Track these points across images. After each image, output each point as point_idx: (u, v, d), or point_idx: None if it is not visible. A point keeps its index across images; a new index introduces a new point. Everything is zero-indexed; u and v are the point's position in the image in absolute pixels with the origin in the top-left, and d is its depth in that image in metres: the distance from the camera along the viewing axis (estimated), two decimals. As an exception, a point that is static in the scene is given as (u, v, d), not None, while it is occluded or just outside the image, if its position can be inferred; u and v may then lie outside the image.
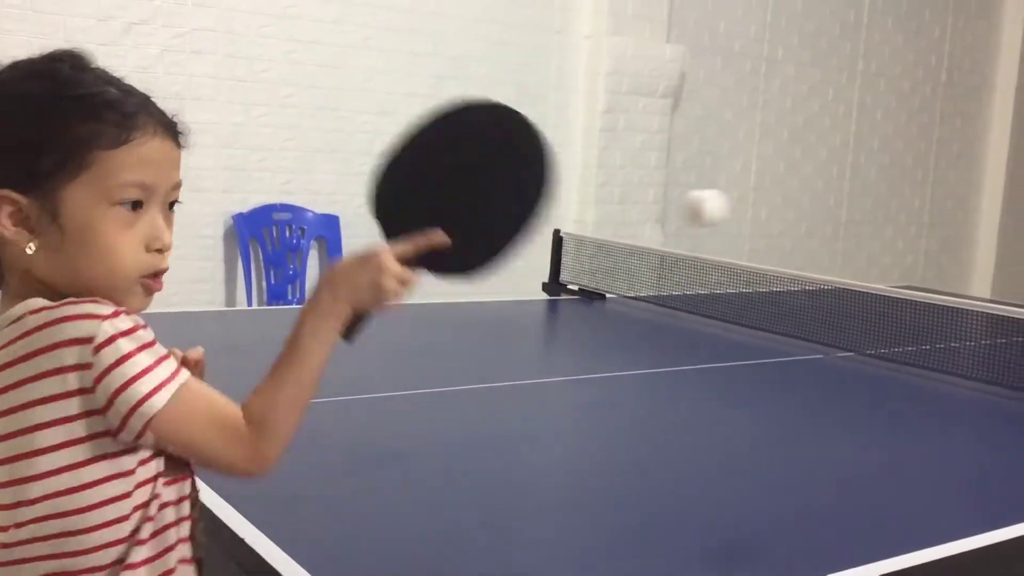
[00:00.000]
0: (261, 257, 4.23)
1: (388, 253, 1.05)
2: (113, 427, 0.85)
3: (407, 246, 1.07)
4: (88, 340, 0.83)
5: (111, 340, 0.84)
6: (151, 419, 0.85)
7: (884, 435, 1.95)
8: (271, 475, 1.49)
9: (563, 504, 1.51)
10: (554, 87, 4.90)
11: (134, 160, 0.89)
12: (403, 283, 1.05)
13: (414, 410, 1.93)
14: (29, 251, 0.88)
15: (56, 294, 0.89)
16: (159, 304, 1.17)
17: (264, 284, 4.24)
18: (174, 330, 1.09)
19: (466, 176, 1.13)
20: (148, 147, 0.90)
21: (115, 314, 0.85)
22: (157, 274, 0.94)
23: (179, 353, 1.03)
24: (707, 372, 2.44)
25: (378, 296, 1.04)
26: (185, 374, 0.89)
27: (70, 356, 0.84)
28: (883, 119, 6.33)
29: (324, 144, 4.32)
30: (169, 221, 0.95)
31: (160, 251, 0.93)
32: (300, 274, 4.31)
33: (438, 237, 1.07)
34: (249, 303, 4.15)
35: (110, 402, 0.84)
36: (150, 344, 0.87)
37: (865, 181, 6.31)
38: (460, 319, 3.07)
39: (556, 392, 2.19)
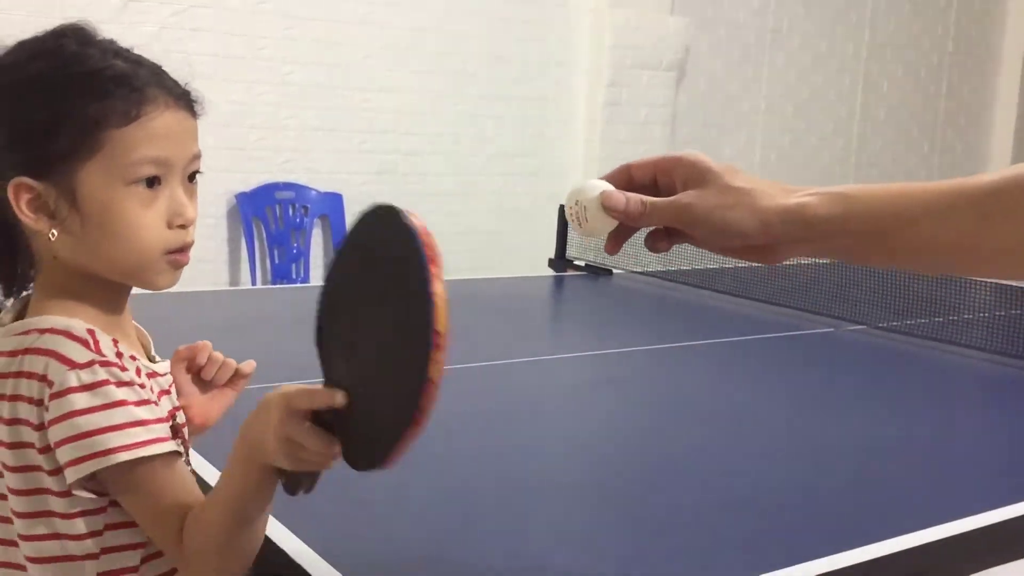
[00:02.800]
0: (264, 236, 4.21)
1: (281, 398, 0.81)
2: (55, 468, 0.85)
3: (305, 396, 0.81)
4: (50, 383, 0.83)
5: (66, 392, 0.83)
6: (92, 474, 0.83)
7: (897, 408, 1.92)
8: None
9: (573, 482, 1.49)
10: (557, 62, 4.85)
11: (147, 135, 0.87)
12: (299, 440, 0.80)
13: (421, 388, 1.91)
14: (52, 237, 0.86)
15: (84, 279, 0.89)
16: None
17: (268, 263, 4.22)
18: (178, 310, 1.07)
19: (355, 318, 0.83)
20: (161, 120, 0.88)
21: (89, 364, 0.83)
22: (183, 248, 0.91)
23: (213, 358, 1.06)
24: (716, 347, 2.41)
25: (278, 445, 0.80)
26: (156, 448, 0.84)
27: (32, 389, 0.84)
28: (889, 90, 6.28)
29: (325, 122, 4.29)
30: (191, 193, 0.92)
31: (183, 226, 0.90)
32: (304, 252, 4.29)
33: (329, 395, 0.81)
34: (253, 282, 4.13)
35: (61, 441, 0.83)
36: (114, 404, 0.83)
37: (871, 153, 6.26)
38: (466, 296, 3.04)
39: (564, 368, 2.17)
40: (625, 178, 0.96)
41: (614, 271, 3.30)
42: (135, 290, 0.95)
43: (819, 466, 1.58)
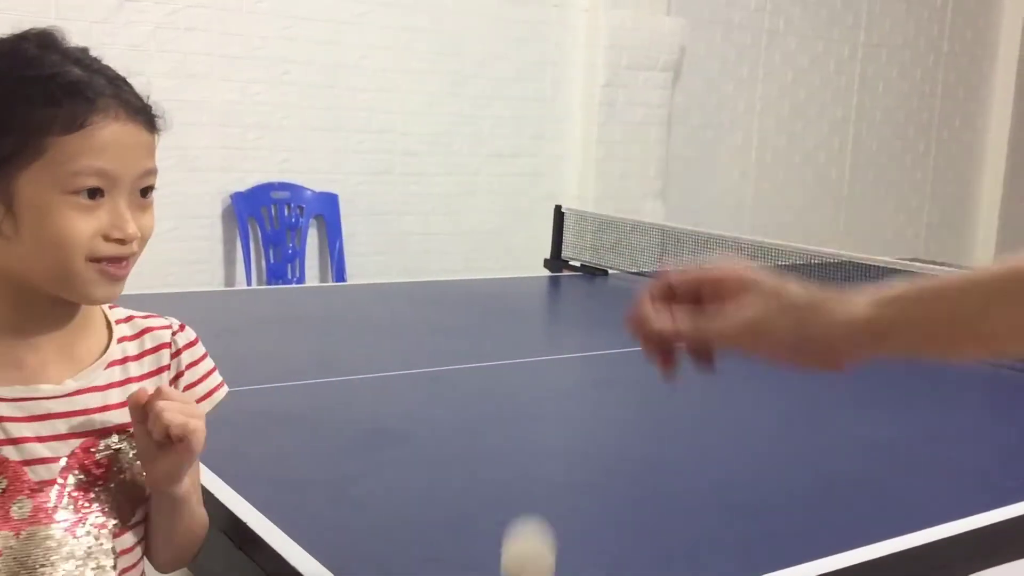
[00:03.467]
0: (260, 236, 4.20)
1: None
2: None
3: None
4: None
5: None
6: None
7: (890, 410, 1.93)
8: (272, 458, 1.47)
9: (567, 483, 1.49)
10: (553, 61, 4.85)
11: (91, 146, 0.84)
12: None
13: (415, 389, 1.91)
14: None
15: (19, 285, 0.87)
16: (157, 285, 1.15)
17: (263, 263, 4.21)
18: (173, 311, 1.07)
19: None
20: (108, 132, 0.85)
21: None
22: (116, 259, 0.88)
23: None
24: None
25: None
26: None
27: None
28: (885, 91, 6.29)
29: (321, 121, 4.28)
30: (143, 207, 0.90)
31: (122, 241, 0.87)
32: (300, 253, 4.28)
33: None
34: (248, 283, 4.12)
35: None
36: None
37: (867, 154, 6.27)
38: (461, 297, 3.04)
39: (560, 369, 2.17)
40: (666, 292, 0.90)
41: (609, 271, 3.30)
42: (138, 291, 0.94)
43: (812, 468, 1.58)
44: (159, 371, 0.99)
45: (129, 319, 1.00)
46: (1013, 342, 0.80)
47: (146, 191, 0.91)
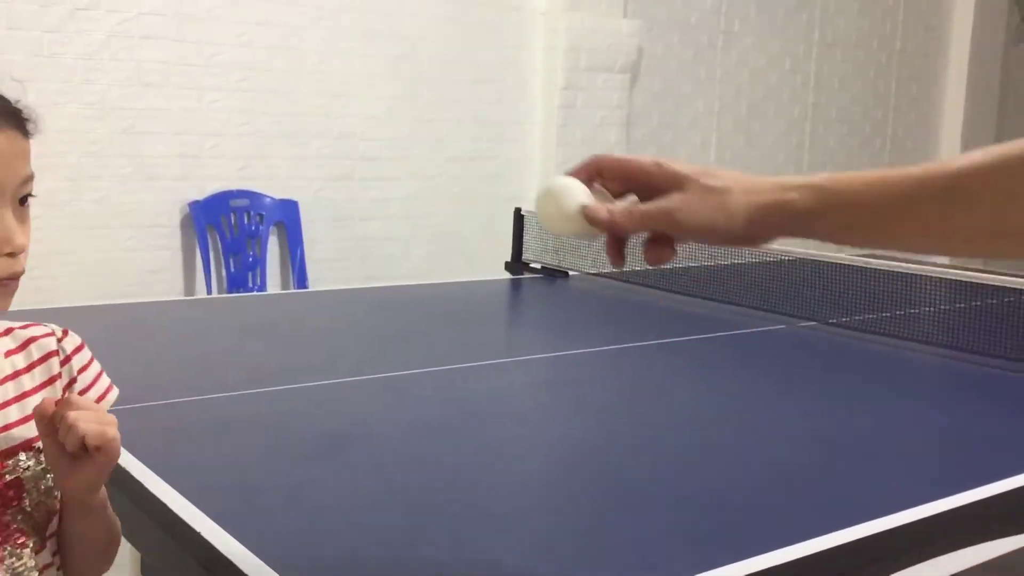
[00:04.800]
0: (219, 244, 4.17)
1: None
2: None
3: None
4: None
5: None
6: None
7: (847, 402, 1.96)
8: (230, 466, 1.47)
9: (530, 483, 1.50)
10: (511, 65, 4.87)
11: None
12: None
13: (375, 394, 1.91)
14: None
15: None
16: (115, 296, 1.15)
17: (223, 272, 4.18)
18: (132, 321, 1.06)
19: None
20: None
21: None
22: (11, 277, 0.85)
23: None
24: (671, 346, 2.44)
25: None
26: None
27: None
28: (840, 89, 6.37)
29: (280, 128, 4.27)
30: (22, 217, 0.86)
31: (11, 255, 0.84)
32: (260, 261, 4.26)
33: None
34: (208, 291, 4.09)
35: None
36: None
37: (825, 151, 6.35)
38: (421, 301, 3.04)
39: (520, 371, 2.18)
40: (593, 176, 0.97)
41: (570, 273, 3.32)
42: (95, 301, 0.93)
43: (762, 460, 1.60)
44: (51, 380, 0.95)
45: (8, 331, 0.96)
46: (915, 242, 0.87)
47: (24, 199, 0.87)
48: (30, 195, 0.87)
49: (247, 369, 2.03)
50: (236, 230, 4.19)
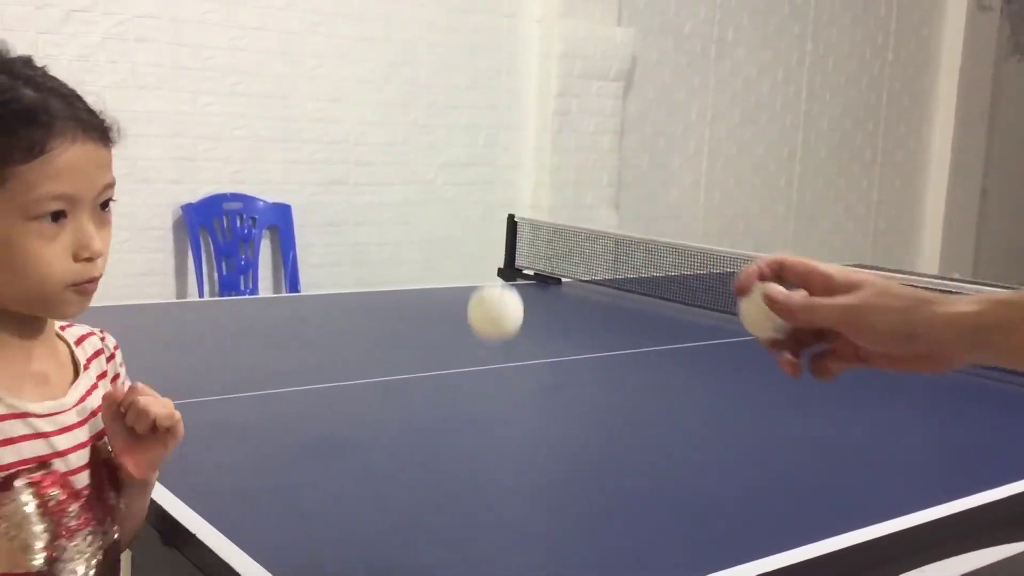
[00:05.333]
0: (212, 248, 4.17)
1: None
2: None
3: None
4: None
5: None
6: None
7: (844, 408, 1.97)
8: (224, 469, 1.47)
9: (523, 488, 1.50)
10: (506, 71, 4.88)
11: (52, 172, 0.84)
12: None
13: (369, 398, 1.91)
14: None
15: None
16: (107, 298, 1.15)
17: (216, 275, 4.18)
18: (123, 324, 1.07)
19: None
20: (68, 155, 0.85)
21: None
22: (90, 280, 0.90)
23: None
24: (663, 353, 2.45)
25: None
26: None
27: None
28: (832, 99, 6.40)
29: (274, 132, 4.26)
30: (103, 222, 0.91)
31: (89, 259, 0.89)
32: (252, 264, 4.25)
33: None
34: (200, 294, 4.09)
35: None
36: None
37: (816, 161, 6.38)
38: (415, 306, 3.05)
39: (513, 377, 2.19)
40: (774, 275, 0.92)
41: (563, 280, 3.32)
42: (92, 303, 0.94)
43: (759, 467, 1.61)
44: (103, 375, 1.02)
45: (63, 329, 1.01)
46: None
47: (105, 204, 0.92)
48: (111, 200, 0.92)
49: (239, 372, 2.02)
50: (229, 233, 4.19)
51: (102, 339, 1.04)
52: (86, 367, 0.99)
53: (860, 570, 1.25)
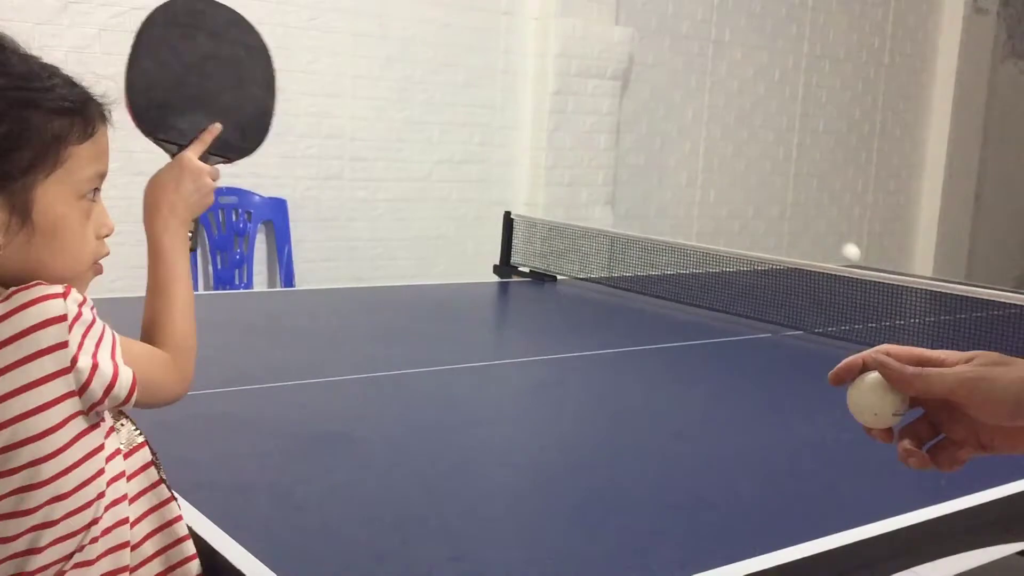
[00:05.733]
0: (207, 241, 4.16)
1: (194, 159, 1.15)
2: (94, 400, 0.85)
3: (200, 145, 1.18)
4: (61, 319, 0.83)
5: (78, 317, 0.85)
6: (133, 386, 0.88)
7: (831, 410, 1.97)
8: (219, 463, 1.47)
9: (516, 484, 1.51)
10: (502, 69, 4.88)
11: (98, 151, 0.92)
12: (214, 179, 1.16)
13: (364, 394, 1.92)
14: None
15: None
16: (102, 290, 1.15)
17: (210, 269, 4.17)
18: (118, 316, 1.06)
19: (210, 65, 1.25)
20: (104, 136, 0.93)
21: (68, 290, 0.86)
22: (104, 257, 0.97)
23: None
24: (657, 352, 2.45)
25: (205, 197, 1.14)
26: (110, 331, 0.91)
27: (47, 338, 0.83)
28: (827, 101, 6.41)
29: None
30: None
31: (106, 236, 0.97)
32: (247, 258, 4.25)
33: (215, 129, 1.21)
34: (195, 288, 4.07)
35: (88, 381, 0.84)
36: (92, 309, 0.89)
37: (811, 162, 6.39)
38: (410, 302, 3.05)
39: (508, 373, 2.19)
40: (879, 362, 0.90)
41: (558, 277, 3.33)
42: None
43: (755, 466, 1.61)
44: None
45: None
46: None
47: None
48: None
49: (234, 367, 2.02)
50: (224, 227, 4.18)
51: None
52: None
53: (850, 570, 1.25)
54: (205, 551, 1.12)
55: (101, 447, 0.87)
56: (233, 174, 4.19)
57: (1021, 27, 7.27)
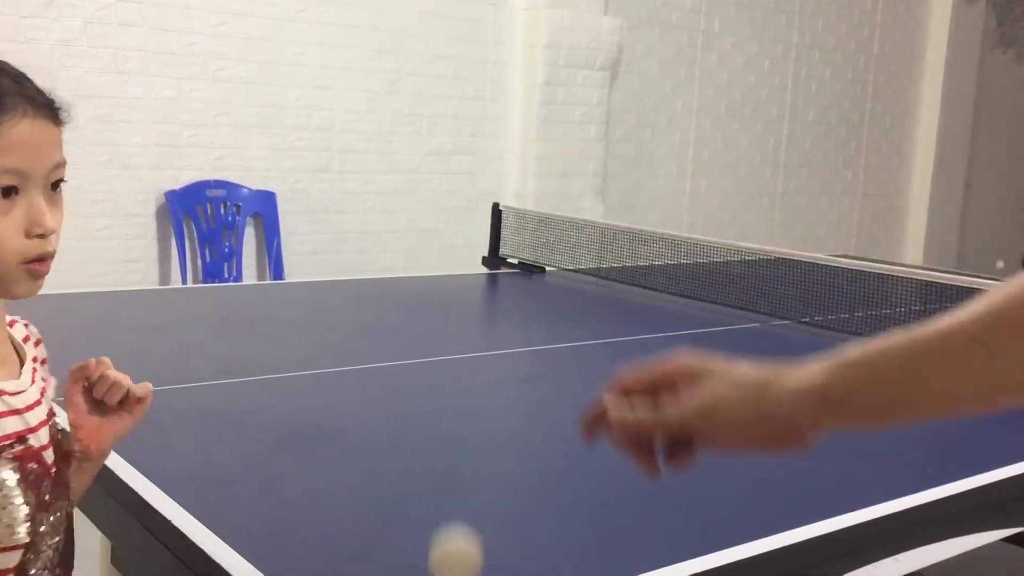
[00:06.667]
0: (195, 235, 4.15)
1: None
2: None
3: None
4: None
5: None
6: None
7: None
8: (205, 456, 1.47)
9: (505, 476, 1.51)
10: (492, 60, 4.87)
11: (3, 146, 0.85)
12: None
13: (350, 386, 1.92)
14: None
15: None
16: (90, 285, 1.15)
17: (199, 262, 4.16)
18: (106, 310, 1.06)
19: None
20: (18, 130, 0.86)
21: None
22: (43, 258, 0.90)
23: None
24: (647, 342, 2.45)
25: None
26: None
27: None
28: (817, 91, 6.42)
29: (258, 119, 4.24)
30: (54, 201, 0.91)
31: (43, 236, 0.89)
32: (236, 251, 4.24)
33: None
34: (184, 281, 4.07)
35: None
36: None
37: (801, 152, 6.40)
38: (399, 294, 3.05)
39: (497, 365, 2.19)
40: (623, 391, 0.91)
41: (548, 268, 3.33)
42: (68, 289, 0.94)
43: (743, 458, 1.61)
44: (34, 359, 1.01)
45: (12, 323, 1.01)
46: (970, 405, 0.77)
47: (56, 184, 0.91)
48: (62, 180, 0.92)
49: (222, 359, 2.02)
50: (212, 220, 4.17)
51: (26, 325, 1.03)
52: (24, 351, 0.99)
53: (833, 558, 1.26)
54: (185, 545, 1.12)
55: None
56: (221, 167, 4.18)
57: (1011, 15, 7.28)
